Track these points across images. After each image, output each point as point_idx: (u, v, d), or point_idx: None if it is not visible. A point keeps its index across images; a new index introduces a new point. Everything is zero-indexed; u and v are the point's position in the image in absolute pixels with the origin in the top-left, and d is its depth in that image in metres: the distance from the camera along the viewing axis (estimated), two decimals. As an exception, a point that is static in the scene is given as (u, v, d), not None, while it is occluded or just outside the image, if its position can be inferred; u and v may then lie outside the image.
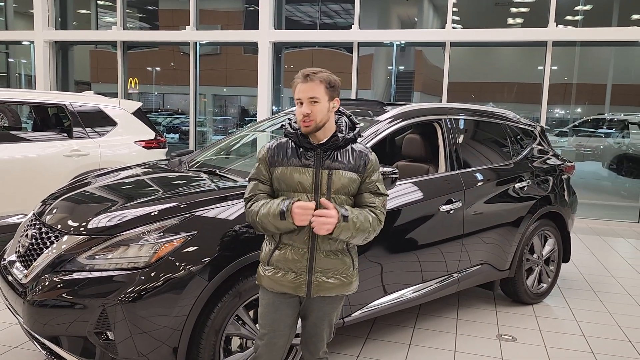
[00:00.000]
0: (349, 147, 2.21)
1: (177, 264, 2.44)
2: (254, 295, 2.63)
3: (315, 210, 2.05)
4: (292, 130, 2.20)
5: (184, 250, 2.47)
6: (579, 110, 9.36)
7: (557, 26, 7.96)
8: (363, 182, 2.19)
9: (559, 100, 8.99)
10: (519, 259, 4.15)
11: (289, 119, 2.26)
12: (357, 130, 2.24)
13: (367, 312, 3.19)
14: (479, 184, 3.87)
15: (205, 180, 3.24)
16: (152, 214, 2.62)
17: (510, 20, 9.17)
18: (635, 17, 8.44)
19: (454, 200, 3.60)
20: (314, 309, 2.25)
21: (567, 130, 9.21)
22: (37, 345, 2.60)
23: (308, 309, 2.26)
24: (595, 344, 3.69)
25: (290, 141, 2.21)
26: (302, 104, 2.12)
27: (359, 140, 2.26)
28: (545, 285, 4.48)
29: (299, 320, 2.32)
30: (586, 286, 4.94)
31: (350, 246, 2.24)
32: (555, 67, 8.31)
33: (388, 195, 2.29)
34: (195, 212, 2.64)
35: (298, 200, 2.09)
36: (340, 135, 2.18)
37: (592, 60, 9.20)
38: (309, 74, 2.13)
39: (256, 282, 2.28)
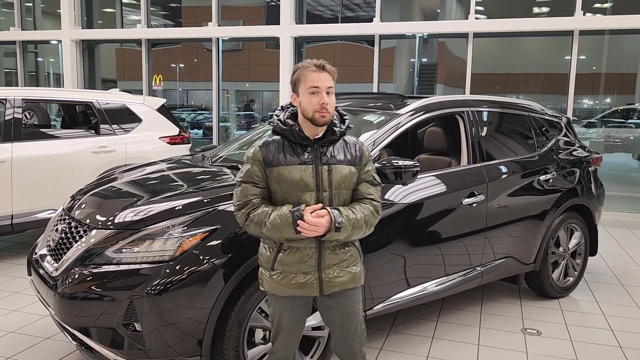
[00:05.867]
0: (341, 140, 2.18)
1: (201, 257, 2.49)
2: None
3: (321, 208, 2.04)
4: (285, 127, 2.14)
5: (208, 244, 2.52)
6: (608, 100, 9.14)
7: (584, 14, 7.77)
8: (360, 172, 2.18)
9: (587, 90, 8.79)
10: (544, 253, 4.09)
11: (276, 115, 2.21)
12: (347, 122, 2.21)
13: (389, 305, 3.19)
14: (503, 176, 3.82)
15: (228, 174, 3.28)
16: (177, 208, 2.68)
17: (535, 9, 8.99)
18: (667, 3, 8.18)
19: (476, 193, 3.57)
20: (334, 308, 2.21)
21: (596, 121, 9.00)
22: (68, 337, 2.68)
23: (328, 310, 2.22)
24: (624, 338, 3.63)
25: (283, 139, 2.15)
26: (316, 93, 2.07)
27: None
28: (571, 278, 4.41)
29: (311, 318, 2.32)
30: (614, 280, 4.85)
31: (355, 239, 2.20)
32: (583, 57, 8.12)
33: (382, 185, 2.30)
34: (219, 206, 2.68)
35: (303, 206, 2.04)
36: (335, 129, 2.15)
37: (621, 49, 8.96)
38: (324, 65, 2.10)
39: (260, 288, 2.26)
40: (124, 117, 5.69)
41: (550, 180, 4.14)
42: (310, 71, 2.09)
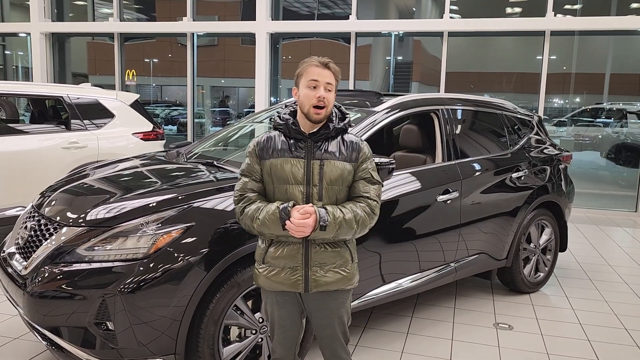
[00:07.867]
0: (339, 137, 2.17)
1: (176, 255, 2.46)
2: (252, 285, 2.65)
3: (308, 203, 2.04)
4: (281, 121, 2.16)
5: (182, 241, 2.49)
6: (577, 99, 9.36)
7: (555, 15, 7.94)
8: (356, 170, 2.15)
9: (557, 89, 8.99)
10: (516, 249, 4.17)
11: (278, 112, 2.22)
12: (347, 120, 2.20)
13: (365, 301, 3.22)
14: (476, 174, 3.88)
15: (203, 171, 3.25)
16: (151, 205, 2.64)
17: (508, 10, 9.14)
18: (634, 5, 8.40)
19: (451, 190, 3.61)
20: (317, 307, 2.19)
21: (566, 119, 9.21)
22: (38, 336, 2.62)
23: (311, 307, 2.20)
24: (592, 332, 3.73)
25: (280, 133, 2.17)
26: (315, 87, 2.08)
27: (349, 130, 2.23)
28: (542, 274, 4.50)
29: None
30: (583, 275, 4.98)
31: (348, 240, 2.17)
32: (554, 57, 8.29)
33: (383, 185, 2.24)
34: (193, 203, 2.65)
35: (291, 204, 2.03)
36: (330, 124, 2.14)
37: (590, 50, 9.18)
38: (328, 63, 2.11)
39: (253, 283, 2.25)
40: (96, 113, 5.57)
41: (522, 178, 4.22)
42: (313, 66, 2.10)
